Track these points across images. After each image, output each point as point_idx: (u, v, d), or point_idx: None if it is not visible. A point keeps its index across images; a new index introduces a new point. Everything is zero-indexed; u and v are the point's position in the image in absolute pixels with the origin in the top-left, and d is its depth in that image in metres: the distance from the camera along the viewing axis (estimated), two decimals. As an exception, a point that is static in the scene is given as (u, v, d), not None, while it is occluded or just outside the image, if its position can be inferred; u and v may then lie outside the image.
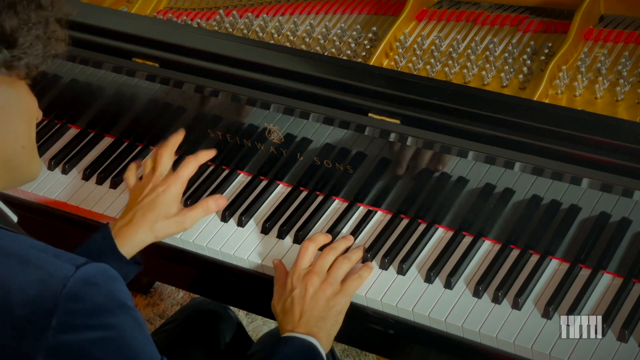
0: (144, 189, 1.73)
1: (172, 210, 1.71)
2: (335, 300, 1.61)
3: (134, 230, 1.67)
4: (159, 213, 1.70)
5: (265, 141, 1.86)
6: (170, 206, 1.71)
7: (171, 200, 1.71)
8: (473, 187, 1.69)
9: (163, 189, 1.71)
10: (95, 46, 1.94)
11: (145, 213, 1.69)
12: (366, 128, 1.72)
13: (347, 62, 1.85)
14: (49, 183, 2.00)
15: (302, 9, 2.11)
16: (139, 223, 1.68)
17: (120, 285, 1.30)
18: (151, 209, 1.69)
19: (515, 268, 1.66)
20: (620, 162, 1.52)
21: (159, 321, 2.78)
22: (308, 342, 1.56)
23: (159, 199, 1.70)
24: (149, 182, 1.74)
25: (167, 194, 1.71)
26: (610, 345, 1.53)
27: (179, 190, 1.73)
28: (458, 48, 1.90)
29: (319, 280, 1.63)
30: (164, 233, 1.71)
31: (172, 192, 1.71)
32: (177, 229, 1.71)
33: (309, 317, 1.59)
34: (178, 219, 1.71)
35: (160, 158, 1.76)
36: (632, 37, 1.83)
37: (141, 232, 1.68)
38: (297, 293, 1.62)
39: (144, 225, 1.68)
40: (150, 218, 1.69)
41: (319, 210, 1.83)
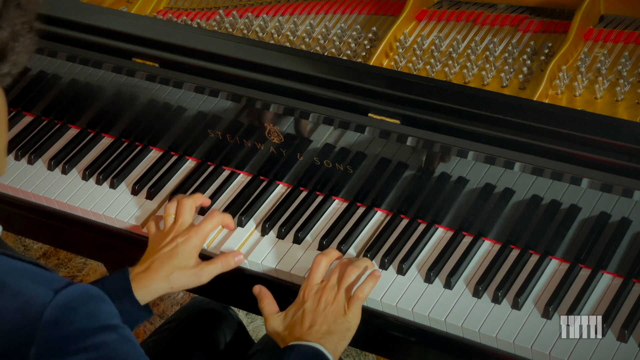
0: (164, 238, 1.73)
1: (190, 262, 1.70)
2: (343, 319, 1.60)
3: (150, 278, 1.67)
4: (177, 264, 1.69)
5: (265, 141, 1.86)
6: (189, 258, 1.70)
7: (190, 251, 1.71)
8: (473, 187, 1.69)
9: (183, 240, 1.71)
10: (95, 46, 1.94)
11: (163, 262, 1.69)
12: (366, 128, 1.72)
13: (347, 62, 1.85)
14: (48, 183, 2.00)
15: (302, 9, 2.11)
16: (156, 271, 1.67)
17: (104, 304, 1.26)
18: (170, 259, 1.69)
19: (515, 268, 1.66)
20: (620, 162, 1.52)
21: (158, 321, 2.78)
22: (315, 349, 1.55)
23: (178, 249, 1.70)
24: (170, 232, 1.74)
25: (186, 245, 1.71)
26: (610, 345, 1.53)
27: (199, 243, 1.72)
28: (458, 48, 1.90)
29: (332, 295, 1.62)
30: (180, 284, 1.69)
31: (192, 244, 1.71)
32: (193, 281, 1.70)
33: (317, 330, 1.58)
34: (195, 272, 1.70)
35: (183, 210, 1.76)
36: (632, 37, 1.83)
37: (157, 280, 1.67)
38: (308, 306, 1.61)
39: (160, 274, 1.67)
40: (168, 268, 1.68)
41: (319, 210, 1.83)
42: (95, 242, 1.98)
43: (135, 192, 1.94)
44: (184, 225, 1.74)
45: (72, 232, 1.99)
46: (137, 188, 1.94)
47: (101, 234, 1.94)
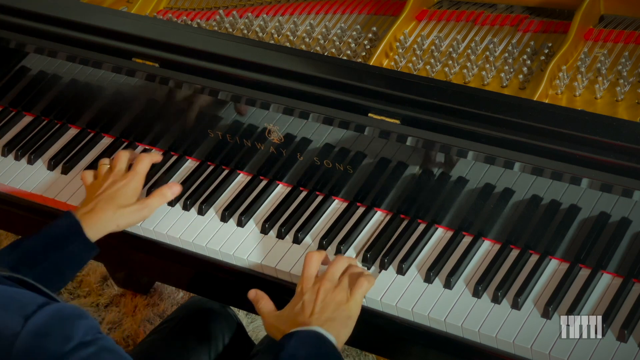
0: (102, 184, 1.83)
1: (132, 200, 1.82)
2: (345, 306, 1.60)
3: (96, 218, 1.76)
4: (120, 203, 1.80)
5: (265, 141, 1.86)
6: (130, 197, 1.82)
7: (131, 192, 1.82)
8: (473, 187, 1.69)
9: (123, 183, 1.82)
10: (95, 46, 1.94)
11: (107, 201, 1.79)
12: (366, 128, 1.72)
13: (347, 62, 1.85)
14: (48, 183, 2.00)
15: (302, 9, 2.11)
16: (102, 210, 1.77)
17: (79, 321, 1.25)
18: (112, 199, 1.80)
19: (515, 268, 1.66)
20: (620, 162, 1.52)
21: (158, 321, 2.78)
22: (316, 332, 1.54)
23: (119, 191, 1.81)
24: (107, 178, 1.84)
25: (127, 187, 1.82)
26: (610, 345, 1.53)
27: (138, 184, 1.84)
28: (458, 48, 1.90)
29: (330, 285, 1.62)
30: (125, 221, 1.80)
31: (131, 186, 1.83)
32: (137, 216, 1.81)
33: (318, 317, 1.57)
34: (137, 207, 1.81)
35: (118, 157, 1.88)
36: (632, 37, 1.83)
37: (103, 219, 1.76)
38: (307, 297, 1.61)
39: (106, 213, 1.77)
40: (112, 207, 1.78)
41: (319, 210, 1.83)
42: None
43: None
44: (121, 172, 1.85)
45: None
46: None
47: (101, 234, 1.94)
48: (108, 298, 2.90)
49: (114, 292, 2.91)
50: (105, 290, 2.92)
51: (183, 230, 1.86)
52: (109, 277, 2.94)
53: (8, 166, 2.05)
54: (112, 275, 2.92)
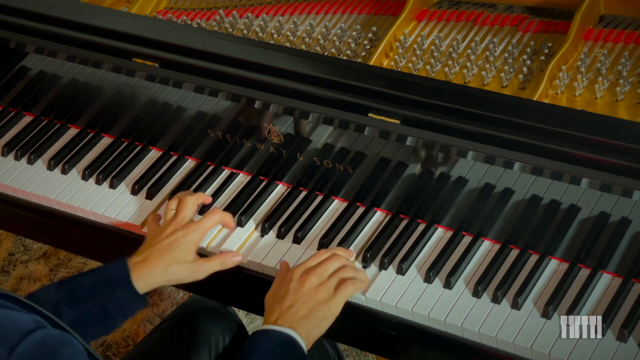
0: (164, 231, 1.74)
1: (188, 256, 1.71)
2: (323, 306, 1.60)
3: (148, 269, 1.68)
4: (176, 256, 1.70)
5: (265, 141, 1.86)
6: (187, 251, 1.71)
7: (189, 245, 1.72)
8: (473, 187, 1.69)
9: (183, 234, 1.72)
10: (95, 46, 1.94)
11: (162, 253, 1.69)
12: (366, 128, 1.71)
13: (347, 62, 1.85)
14: (48, 183, 2.00)
15: (302, 9, 2.11)
16: (155, 262, 1.68)
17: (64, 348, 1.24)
18: (169, 251, 1.70)
19: (514, 268, 1.66)
20: (620, 162, 1.52)
21: (158, 321, 2.78)
22: (287, 335, 1.55)
23: (177, 242, 1.71)
24: (169, 226, 1.74)
25: (186, 239, 1.72)
26: (610, 345, 1.53)
27: (198, 238, 1.73)
28: (458, 48, 1.90)
29: (317, 281, 1.62)
30: (177, 278, 1.71)
31: (191, 238, 1.72)
32: (190, 276, 1.71)
33: (294, 313, 1.58)
34: (193, 267, 1.71)
35: (184, 205, 1.77)
36: (632, 37, 1.83)
37: (155, 271, 1.68)
38: (292, 286, 1.61)
39: (159, 266, 1.68)
40: (167, 260, 1.69)
41: (319, 210, 1.83)
42: (95, 242, 1.98)
43: (135, 192, 1.94)
44: (185, 220, 1.75)
45: (72, 232, 1.99)
46: (136, 188, 1.94)
47: (101, 234, 1.94)
48: (108, 298, 2.89)
49: (114, 292, 2.91)
50: (105, 290, 2.92)
51: (183, 230, 1.85)
52: (109, 277, 2.93)
53: (8, 166, 2.05)
54: (112, 276, 2.91)
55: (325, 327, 1.60)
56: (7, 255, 3.19)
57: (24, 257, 3.23)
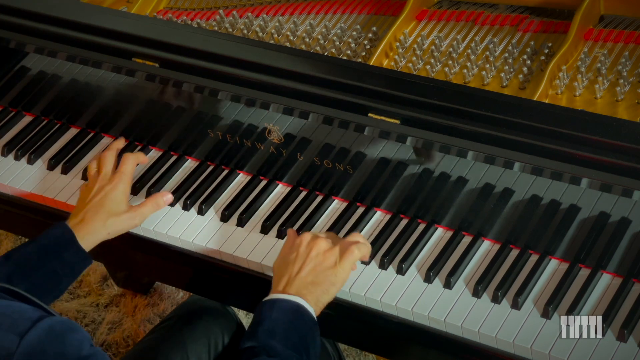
0: (91, 190, 1.80)
1: (121, 207, 1.79)
2: (331, 271, 1.62)
3: (87, 228, 1.74)
4: (110, 210, 1.77)
5: (265, 141, 1.86)
6: (120, 203, 1.79)
7: (120, 197, 1.79)
8: (472, 187, 1.69)
9: (111, 187, 1.79)
10: (95, 46, 1.94)
11: (97, 211, 1.76)
12: (366, 128, 1.71)
13: (347, 62, 1.85)
14: (48, 183, 2.00)
15: (302, 9, 2.11)
16: (92, 220, 1.75)
17: (72, 335, 1.27)
18: (102, 207, 1.77)
19: (514, 268, 1.66)
20: (620, 162, 1.52)
21: (158, 321, 2.78)
22: (295, 303, 1.57)
23: (108, 196, 1.78)
24: (95, 183, 1.81)
25: (115, 191, 1.79)
26: (610, 345, 1.53)
27: (126, 187, 1.81)
28: (458, 48, 1.90)
29: (325, 246, 1.64)
30: (116, 229, 1.77)
31: (119, 190, 1.79)
32: (128, 225, 1.79)
33: (302, 278, 1.60)
34: (129, 215, 1.78)
35: (104, 159, 1.84)
36: (632, 37, 1.83)
37: (94, 229, 1.75)
38: (302, 250, 1.63)
39: (96, 222, 1.75)
40: (102, 215, 1.76)
41: (319, 210, 1.83)
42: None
43: (135, 192, 1.94)
44: (108, 174, 1.82)
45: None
46: (137, 187, 1.94)
47: (101, 234, 1.94)
48: (108, 298, 2.90)
49: (114, 292, 2.91)
50: (105, 290, 2.92)
51: (183, 230, 1.86)
52: (109, 277, 2.94)
53: (8, 166, 2.06)
54: (112, 275, 2.92)
55: (333, 294, 1.62)
56: (7, 255, 3.18)
57: (24, 257, 3.22)
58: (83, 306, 2.87)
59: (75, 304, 2.87)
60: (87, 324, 2.82)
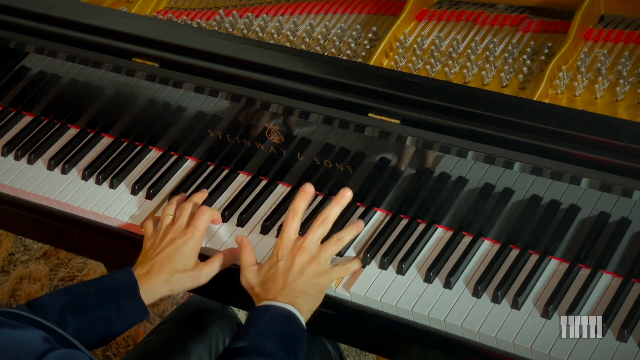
0: (163, 239, 1.74)
1: (189, 264, 1.71)
2: (319, 279, 1.62)
3: (151, 282, 1.68)
4: (177, 266, 1.70)
5: (265, 141, 1.86)
6: (188, 260, 1.71)
7: (190, 253, 1.72)
8: (472, 187, 1.69)
9: (182, 242, 1.72)
10: (95, 46, 1.94)
11: (163, 265, 1.69)
12: (366, 128, 1.72)
13: (347, 62, 1.85)
14: (48, 183, 2.00)
15: (302, 9, 2.11)
16: (157, 275, 1.68)
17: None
18: (169, 262, 1.70)
19: (514, 268, 1.66)
20: (620, 162, 1.52)
21: (158, 321, 2.78)
22: (287, 310, 1.57)
23: (178, 251, 1.71)
24: (168, 233, 1.74)
25: (186, 247, 1.71)
26: (610, 345, 1.53)
27: (198, 243, 1.73)
28: (458, 48, 1.90)
29: (307, 256, 1.63)
30: (179, 287, 1.71)
31: (191, 245, 1.72)
32: (192, 283, 1.71)
33: (292, 289, 1.60)
34: (194, 274, 1.71)
35: (183, 211, 1.77)
36: (632, 37, 1.83)
37: (158, 284, 1.68)
38: (282, 265, 1.62)
39: (161, 278, 1.69)
40: (168, 271, 1.69)
41: (319, 210, 1.83)
42: (95, 242, 1.98)
43: (134, 192, 1.94)
44: (182, 227, 1.75)
45: (72, 232, 1.99)
46: (136, 188, 1.94)
47: (101, 234, 1.94)
48: (108, 298, 2.89)
49: (114, 292, 2.91)
50: (105, 290, 2.92)
51: (183, 230, 1.85)
52: (109, 277, 2.93)
53: (8, 166, 2.05)
54: (112, 276, 2.91)
55: (321, 298, 1.63)
56: (7, 255, 3.19)
57: (24, 257, 3.23)
58: (83, 306, 2.87)
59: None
60: (87, 324, 2.82)
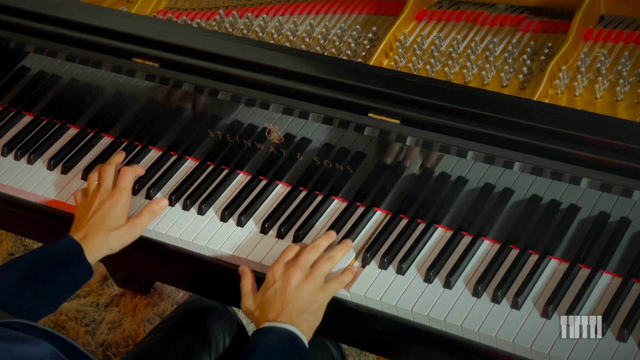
0: (92, 204, 1.81)
1: (121, 221, 1.80)
2: (316, 296, 1.64)
3: (90, 244, 1.75)
4: (111, 225, 1.78)
5: (265, 141, 1.86)
6: (120, 218, 1.80)
7: (120, 212, 1.81)
8: (472, 187, 1.69)
9: (111, 203, 1.80)
10: (95, 46, 1.94)
11: (98, 227, 1.77)
12: (366, 128, 1.72)
13: (347, 62, 1.85)
14: (48, 183, 2.00)
15: (302, 9, 2.11)
16: (94, 237, 1.76)
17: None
18: (103, 222, 1.78)
19: (514, 268, 1.66)
20: (620, 162, 1.52)
21: (158, 321, 2.78)
22: (289, 331, 1.58)
23: (109, 212, 1.79)
24: (96, 197, 1.82)
25: (116, 207, 1.80)
26: (610, 345, 1.53)
27: (126, 201, 1.82)
28: (458, 48, 1.90)
29: (302, 274, 1.65)
30: (118, 244, 1.79)
31: (120, 204, 1.81)
32: (129, 237, 1.80)
33: (291, 309, 1.61)
34: (127, 229, 1.79)
35: (105, 174, 1.85)
36: (632, 37, 1.83)
37: (96, 244, 1.76)
38: (279, 285, 1.64)
39: (99, 239, 1.76)
40: (104, 231, 1.77)
41: (319, 210, 1.83)
42: (95, 242, 1.98)
43: (134, 192, 1.94)
44: (109, 189, 1.82)
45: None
46: (136, 188, 1.94)
47: (101, 234, 1.94)
48: (108, 298, 2.90)
49: (114, 292, 2.91)
50: (105, 290, 2.92)
51: (183, 230, 1.86)
52: (109, 277, 2.94)
53: (8, 166, 2.06)
54: (112, 275, 2.92)
55: (321, 316, 1.64)
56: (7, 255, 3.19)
57: (24, 257, 3.22)
58: (83, 306, 2.87)
59: (76, 304, 2.87)
60: (87, 324, 2.82)
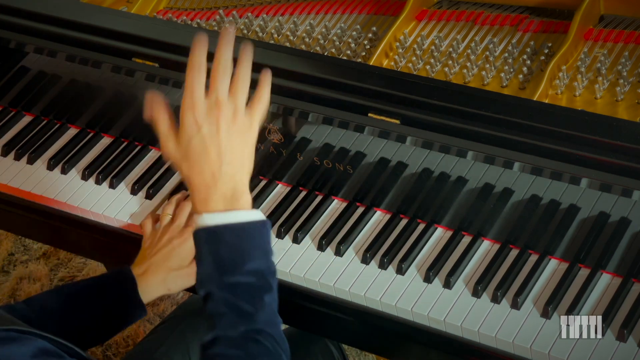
0: (161, 239, 1.74)
1: (185, 262, 1.72)
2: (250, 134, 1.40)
3: (148, 281, 1.69)
4: (173, 265, 1.71)
5: (265, 141, 1.86)
6: (184, 259, 1.72)
7: (186, 253, 1.72)
8: (472, 187, 1.69)
9: (179, 242, 1.72)
10: (95, 46, 1.94)
11: (160, 265, 1.70)
12: (366, 128, 1.71)
13: (347, 62, 1.85)
14: (48, 183, 2.00)
15: (302, 9, 2.11)
16: (154, 274, 1.69)
17: None
18: (166, 261, 1.71)
19: (514, 268, 1.66)
20: (620, 162, 1.52)
21: (158, 321, 2.78)
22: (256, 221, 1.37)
23: (175, 251, 1.71)
24: (166, 233, 1.75)
25: (183, 247, 1.72)
26: (610, 345, 1.53)
27: None
28: (458, 48, 1.90)
29: (230, 112, 1.36)
30: (176, 286, 1.72)
31: (188, 245, 1.72)
32: (189, 281, 1.71)
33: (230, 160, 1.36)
34: (189, 272, 1.71)
35: (181, 211, 1.78)
36: (632, 37, 1.83)
37: (155, 283, 1.69)
38: (206, 132, 1.35)
39: (158, 277, 1.69)
40: (165, 270, 1.70)
41: (318, 210, 1.83)
42: (95, 242, 1.98)
43: (134, 192, 1.94)
44: (180, 227, 1.76)
45: (71, 232, 1.99)
46: (136, 188, 1.94)
47: (101, 234, 1.94)
48: (108, 298, 2.89)
49: (114, 293, 2.91)
50: (105, 290, 2.92)
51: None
52: (109, 278, 2.93)
53: (8, 166, 2.06)
54: (112, 276, 2.91)
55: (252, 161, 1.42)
56: (7, 255, 3.19)
57: (24, 257, 3.23)
58: (83, 306, 2.87)
59: None
60: (87, 324, 2.82)
